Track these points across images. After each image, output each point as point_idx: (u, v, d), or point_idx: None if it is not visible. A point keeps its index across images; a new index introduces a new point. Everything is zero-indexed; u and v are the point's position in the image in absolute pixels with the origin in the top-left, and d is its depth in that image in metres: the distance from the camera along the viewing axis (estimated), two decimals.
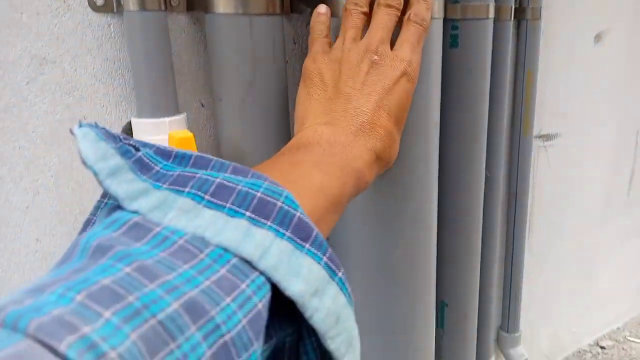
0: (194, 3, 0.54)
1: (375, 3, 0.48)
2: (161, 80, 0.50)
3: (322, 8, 0.50)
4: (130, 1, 0.48)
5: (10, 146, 0.50)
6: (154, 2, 0.49)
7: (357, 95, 0.45)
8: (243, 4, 0.50)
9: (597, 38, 1.00)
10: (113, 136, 0.28)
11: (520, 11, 0.83)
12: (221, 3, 0.50)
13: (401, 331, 0.63)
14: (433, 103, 0.55)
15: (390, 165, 0.47)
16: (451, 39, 0.65)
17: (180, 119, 0.51)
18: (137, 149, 0.29)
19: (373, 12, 0.48)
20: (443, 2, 0.56)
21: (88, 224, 0.29)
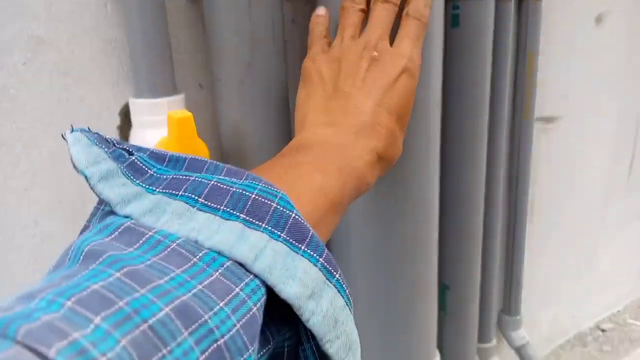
0: None
1: (372, 0, 0.47)
2: (159, 60, 0.50)
3: (321, 10, 0.50)
4: None
5: (7, 128, 0.50)
6: None
7: (357, 93, 0.44)
8: None
9: (598, 20, 0.99)
10: (106, 141, 0.28)
11: None
12: None
13: (402, 314, 0.63)
14: (434, 83, 0.55)
15: (392, 165, 0.46)
16: (452, 19, 0.64)
17: (178, 99, 0.50)
18: (131, 153, 0.29)
19: (370, 9, 0.47)
20: None
21: (84, 231, 0.29)
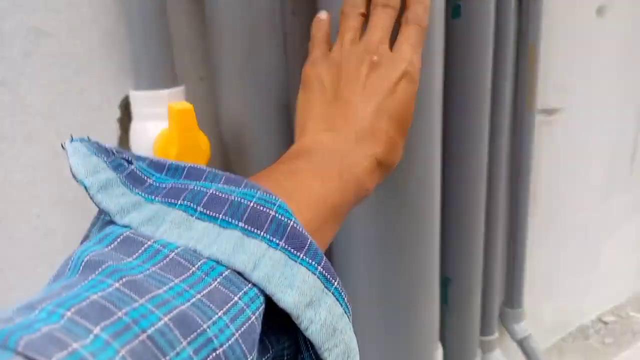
0: None
1: (372, 4, 0.47)
2: (159, 51, 0.50)
3: (323, 14, 0.49)
4: None
5: (7, 121, 0.50)
6: None
7: (357, 99, 0.43)
8: None
9: (599, 11, 0.99)
10: (105, 150, 0.28)
11: None
12: None
13: (405, 307, 0.63)
14: (436, 73, 0.55)
15: (392, 170, 0.45)
16: (453, 10, 0.64)
17: (179, 91, 0.50)
18: (130, 162, 0.29)
19: (370, 14, 0.47)
20: None
21: (84, 241, 0.29)
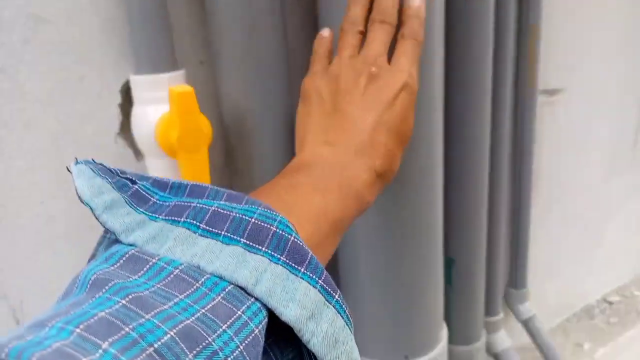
0: None
1: (369, 21, 0.47)
2: (159, 36, 0.50)
3: (326, 31, 0.50)
4: None
5: (7, 108, 0.49)
6: None
7: (356, 111, 0.44)
8: None
9: None
10: (110, 171, 0.29)
11: None
12: None
13: (409, 288, 0.63)
14: (437, 53, 0.54)
15: (390, 181, 0.46)
16: None
17: (179, 75, 0.50)
18: (134, 182, 0.30)
19: (368, 30, 0.47)
20: None
21: (91, 260, 0.29)
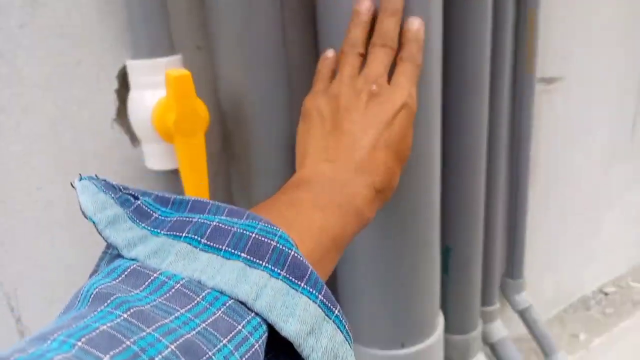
0: None
1: (370, 44, 0.48)
2: (156, 20, 0.49)
3: (330, 52, 0.51)
4: None
5: (5, 93, 0.49)
6: None
7: (356, 128, 0.44)
8: None
9: None
10: (113, 187, 0.29)
11: None
12: None
13: (406, 276, 0.63)
14: (435, 38, 0.54)
15: (389, 198, 0.46)
16: None
17: (176, 59, 0.50)
18: (136, 198, 0.30)
19: (368, 52, 0.48)
20: None
21: (93, 275, 0.29)
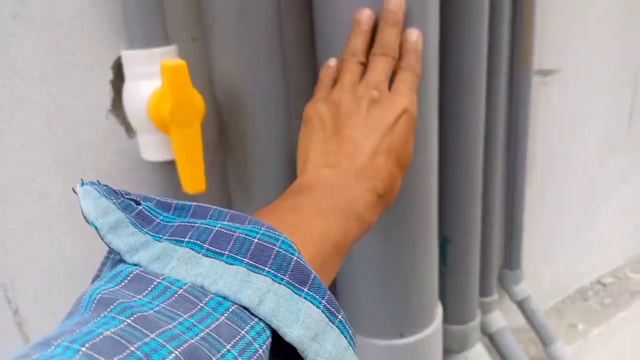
0: None
1: (371, 53, 0.49)
2: (151, 10, 0.49)
3: (332, 61, 0.51)
4: None
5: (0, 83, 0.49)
6: None
7: (357, 133, 0.44)
8: None
9: None
10: (115, 192, 0.29)
11: None
12: None
13: (404, 266, 0.63)
14: (432, 31, 0.54)
15: (390, 203, 0.46)
16: None
17: (171, 50, 0.50)
18: (138, 203, 0.30)
19: (369, 61, 0.48)
20: None
21: (95, 280, 0.29)
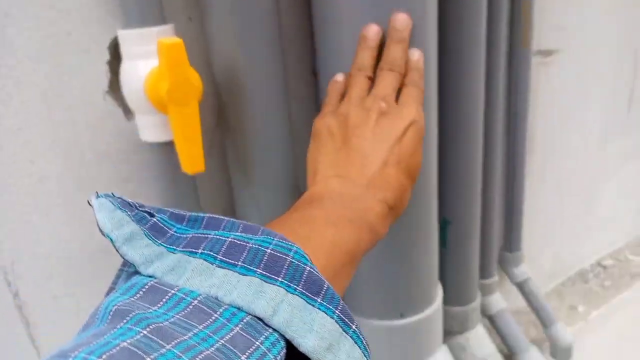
0: None
1: (378, 68, 0.49)
2: None
3: (340, 76, 0.52)
4: None
5: None
6: None
7: (366, 144, 0.45)
8: None
9: None
10: (129, 204, 0.30)
11: None
12: None
13: (405, 248, 0.63)
14: (430, 11, 0.54)
15: (400, 214, 0.47)
16: None
17: (168, 29, 0.49)
18: (152, 215, 0.30)
19: (376, 75, 0.49)
20: None
21: (109, 292, 0.30)
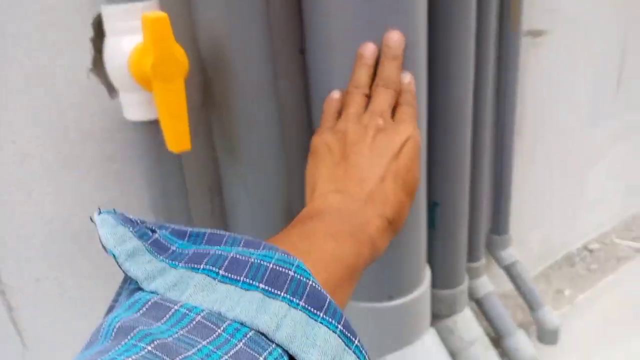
0: None
1: (374, 85, 0.50)
2: None
3: (336, 94, 0.52)
4: None
5: None
6: None
7: (364, 161, 0.45)
8: None
9: None
10: (131, 220, 0.30)
11: None
12: None
13: None
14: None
15: (399, 230, 0.47)
16: None
17: (152, 4, 0.48)
18: (154, 231, 0.31)
19: (372, 92, 0.50)
20: None
21: (111, 310, 0.30)
